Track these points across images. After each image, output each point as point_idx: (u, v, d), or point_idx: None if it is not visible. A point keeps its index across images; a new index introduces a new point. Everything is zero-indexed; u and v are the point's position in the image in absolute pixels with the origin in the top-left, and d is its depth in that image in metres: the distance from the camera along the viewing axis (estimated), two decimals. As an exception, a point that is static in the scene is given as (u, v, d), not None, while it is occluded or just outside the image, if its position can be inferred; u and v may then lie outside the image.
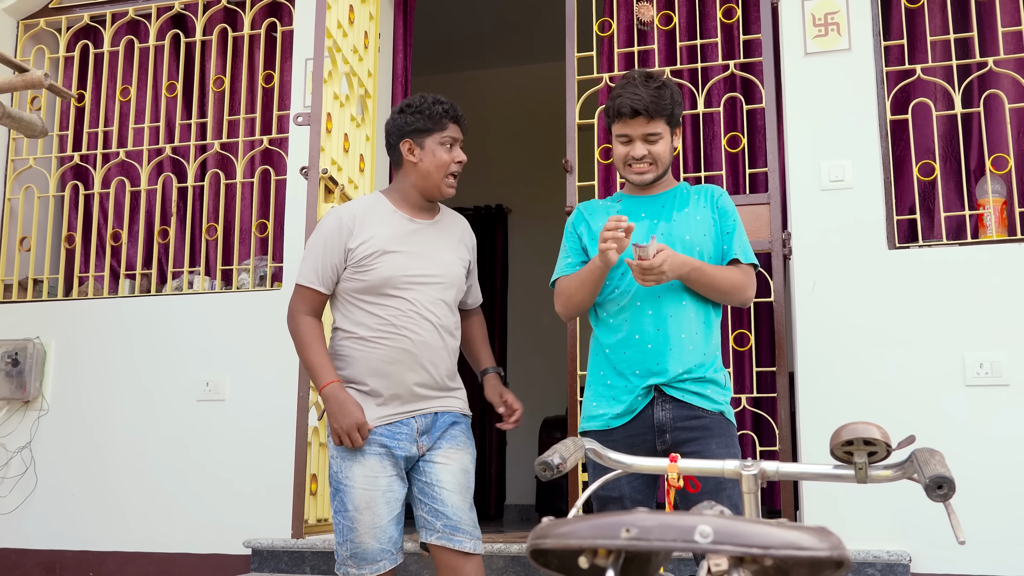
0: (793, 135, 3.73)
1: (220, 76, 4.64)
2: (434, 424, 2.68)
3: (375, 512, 2.57)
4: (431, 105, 2.72)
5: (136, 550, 4.12)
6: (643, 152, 2.51)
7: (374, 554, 2.57)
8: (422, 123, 2.70)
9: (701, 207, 2.57)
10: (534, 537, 0.89)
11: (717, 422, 2.45)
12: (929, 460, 1.37)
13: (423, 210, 2.78)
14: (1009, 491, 3.30)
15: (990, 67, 3.68)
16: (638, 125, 2.48)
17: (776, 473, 1.53)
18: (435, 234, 2.76)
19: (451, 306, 2.75)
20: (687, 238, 2.51)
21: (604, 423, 2.49)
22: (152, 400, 4.22)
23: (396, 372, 2.63)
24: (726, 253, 2.56)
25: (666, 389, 2.43)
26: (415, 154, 2.72)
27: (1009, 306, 3.42)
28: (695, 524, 0.80)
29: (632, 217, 2.56)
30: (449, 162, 2.72)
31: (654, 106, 2.46)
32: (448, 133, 2.72)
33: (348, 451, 2.61)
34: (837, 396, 3.49)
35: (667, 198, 2.60)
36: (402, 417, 2.64)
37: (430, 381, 2.66)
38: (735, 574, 0.81)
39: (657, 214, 2.57)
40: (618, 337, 2.49)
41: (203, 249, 4.47)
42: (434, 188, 2.74)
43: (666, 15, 4.16)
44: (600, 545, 0.82)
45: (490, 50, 7.04)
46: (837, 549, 0.81)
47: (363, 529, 2.57)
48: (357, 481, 2.58)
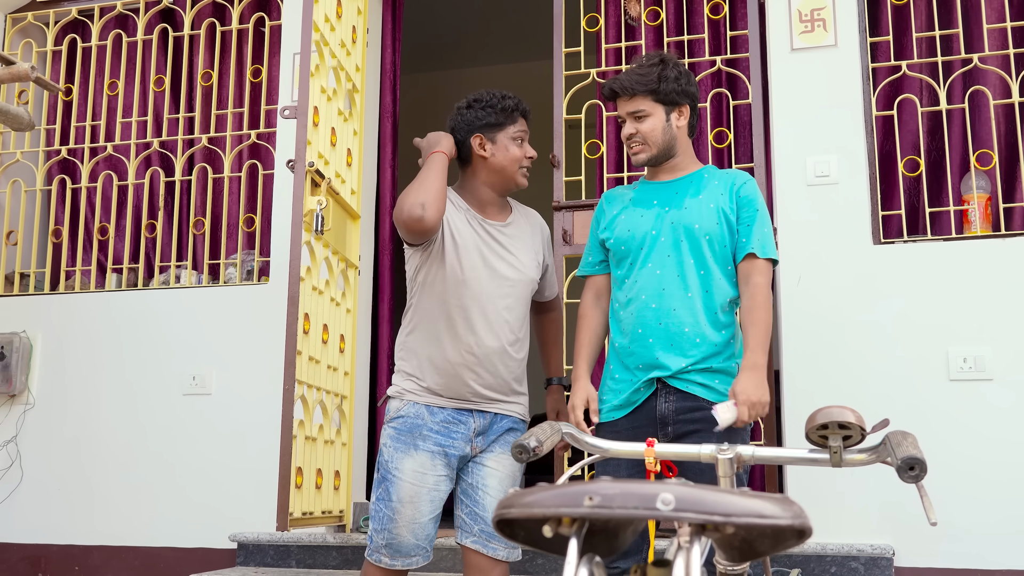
0: (779, 131, 3.75)
1: (208, 70, 4.64)
2: (491, 426, 2.63)
3: (417, 508, 2.54)
4: (501, 99, 2.66)
5: (122, 544, 4.11)
6: (631, 131, 2.50)
7: (409, 548, 2.55)
8: (493, 117, 2.65)
9: (718, 194, 2.49)
10: (500, 507, 0.89)
11: None
12: (901, 442, 1.38)
13: (495, 208, 2.72)
14: (992, 485, 3.32)
15: (975, 64, 3.70)
16: (623, 105, 2.51)
17: (752, 457, 1.54)
18: (510, 235, 2.71)
19: (524, 310, 2.69)
20: (696, 226, 2.44)
21: (605, 415, 2.49)
22: (138, 394, 4.21)
23: (458, 375, 2.59)
24: (742, 245, 2.46)
25: (670, 381, 2.40)
26: (487, 149, 2.66)
27: (993, 301, 3.43)
28: (657, 492, 0.81)
29: (643, 204, 2.54)
30: (521, 157, 2.67)
31: (630, 84, 2.46)
32: (519, 127, 2.67)
33: (402, 443, 2.57)
34: (822, 390, 3.50)
35: (683, 184, 2.54)
36: (460, 406, 2.60)
37: (493, 384, 2.62)
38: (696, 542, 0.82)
39: (668, 201, 2.51)
40: (624, 331, 2.48)
41: (190, 243, 4.47)
42: (509, 181, 2.69)
43: (654, 11, 4.17)
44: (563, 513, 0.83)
45: (480, 48, 7.04)
46: (799, 518, 0.82)
47: (403, 522, 2.54)
48: (406, 474, 2.55)
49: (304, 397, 3.52)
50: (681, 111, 2.53)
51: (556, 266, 3.82)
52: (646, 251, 2.48)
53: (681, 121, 2.54)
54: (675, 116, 2.52)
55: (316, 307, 3.57)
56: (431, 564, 3.66)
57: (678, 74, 2.51)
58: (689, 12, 4.19)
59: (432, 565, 3.66)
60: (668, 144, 2.52)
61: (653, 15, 4.18)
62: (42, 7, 4.79)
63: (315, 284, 3.54)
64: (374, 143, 4.51)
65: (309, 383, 3.55)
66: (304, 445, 3.66)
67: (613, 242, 2.56)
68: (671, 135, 2.52)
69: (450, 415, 2.60)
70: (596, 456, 1.58)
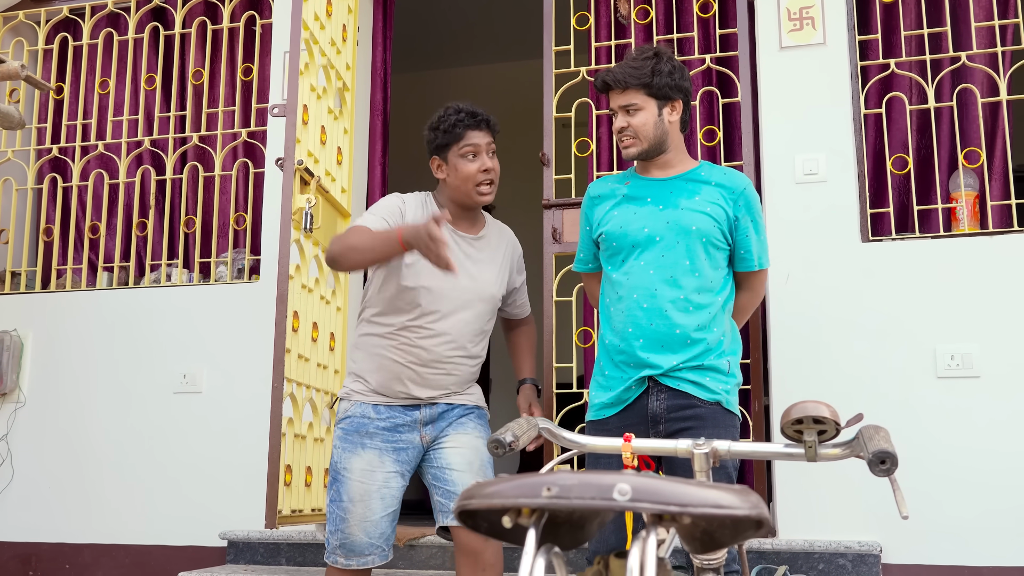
0: (768, 129, 3.76)
1: (199, 69, 4.64)
2: (441, 414, 2.66)
3: (368, 506, 2.56)
4: (449, 116, 2.65)
5: (112, 542, 4.11)
6: (623, 124, 2.48)
7: (362, 547, 2.56)
8: (441, 138, 2.66)
9: (716, 197, 2.46)
10: (462, 498, 0.90)
11: (713, 412, 2.39)
12: (873, 436, 1.38)
13: (466, 222, 2.73)
14: (979, 482, 3.33)
15: (963, 62, 3.71)
16: (615, 97, 2.50)
17: (728, 452, 1.54)
18: (477, 251, 2.72)
19: (481, 325, 2.70)
20: (693, 228, 2.43)
21: (595, 413, 2.49)
22: (129, 393, 4.22)
23: (402, 380, 2.62)
24: (743, 259, 2.49)
25: (661, 379, 2.39)
26: (443, 170, 2.68)
27: (980, 299, 3.44)
28: (614, 483, 0.81)
29: (638, 201, 2.51)
30: (474, 172, 2.63)
31: (623, 76, 2.45)
32: (468, 142, 2.64)
33: (350, 443, 2.60)
34: (810, 388, 3.51)
35: (678, 183, 2.51)
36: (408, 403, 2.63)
37: (439, 387, 2.65)
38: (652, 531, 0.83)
39: (664, 199, 2.48)
40: (615, 328, 2.48)
41: (181, 242, 4.47)
42: (467, 198, 2.69)
43: (643, 9, 4.18)
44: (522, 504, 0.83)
45: (471, 47, 7.05)
46: (756, 508, 0.83)
47: (354, 521, 2.56)
48: (355, 473, 2.58)
49: (293, 395, 3.53)
50: (674, 106, 2.51)
51: (545, 265, 3.83)
52: (640, 249, 2.47)
53: (674, 116, 2.51)
54: (667, 111, 2.50)
55: (306, 305, 3.57)
56: (420, 561, 3.67)
57: (672, 68, 2.49)
58: (679, 10, 4.19)
59: (420, 563, 3.67)
60: (660, 139, 2.50)
61: (643, 13, 4.18)
62: (33, 5, 4.79)
63: (304, 282, 3.54)
64: (365, 141, 4.52)
65: (298, 381, 3.56)
66: (293, 443, 3.66)
67: (605, 237, 2.54)
68: (663, 129, 2.50)
69: (396, 412, 2.63)
70: (572, 451, 1.59)
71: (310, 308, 3.60)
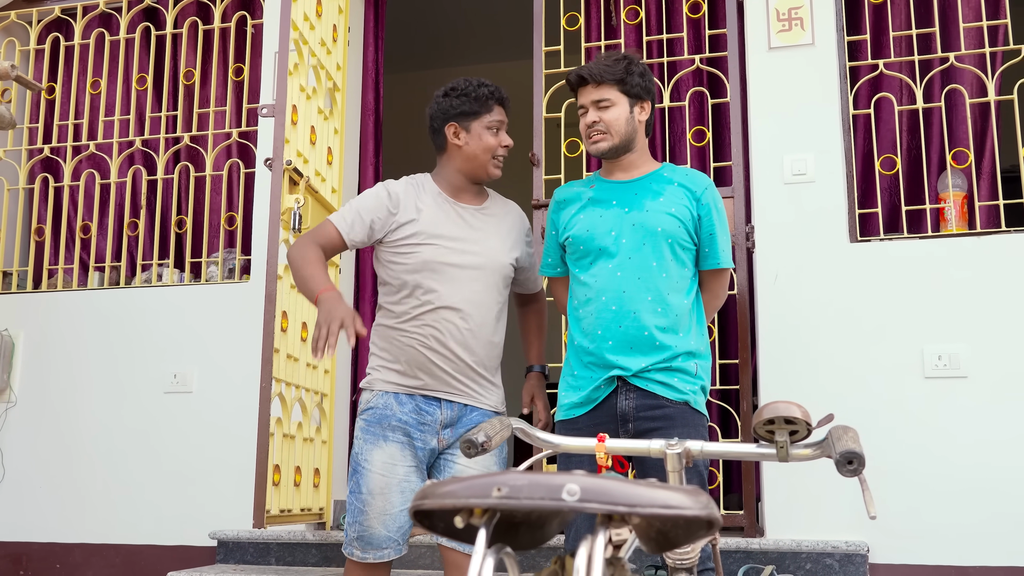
0: (757, 129, 3.76)
1: (191, 69, 4.65)
2: (460, 419, 2.63)
3: (388, 499, 2.55)
4: (476, 88, 2.67)
5: (103, 542, 4.12)
6: (594, 119, 2.51)
7: (380, 540, 2.56)
8: (468, 106, 2.66)
9: (679, 198, 2.51)
10: (416, 498, 0.91)
11: (681, 411, 2.42)
12: (842, 436, 1.39)
13: (470, 194, 2.73)
14: (966, 482, 3.33)
15: (951, 62, 3.71)
16: (588, 92, 2.53)
17: (700, 452, 1.55)
18: (482, 221, 2.71)
19: (494, 295, 2.67)
20: (659, 230, 2.47)
21: (565, 412, 2.50)
22: (120, 392, 4.22)
23: (428, 356, 2.59)
24: (706, 256, 2.53)
25: (630, 379, 2.43)
26: (461, 137, 2.67)
27: (968, 299, 3.45)
28: (563, 483, 0.82)
29: (603, 204, 2.54)
30: (496, 146, 2.68)
31: (599, 72, 2.50)
32: (494, 116, 2.68)
33: (372, 434, 2.59)
34: (798, 388, 3.51)
35: (642, 185, 2.55)
36: (430, 393, 2.60)
37: (462, 368, 2.61)
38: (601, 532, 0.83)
39: (629, 202, 2.52)
40: (584, 330, 2.49)
41: (173, 241, 4.47)
42: (480, 170, 2.69)
43: (633, 9, 4.18)
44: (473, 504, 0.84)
45: (462, 47, 7.05)
46: (706, 508, 0.83)
47: (373, 514, 2.55)
48: (375, 466, 2.56)
49: (282, 395, 3.53)
50: (643, 106, 2.57)
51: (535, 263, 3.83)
52: (607, 252, 2.49)
53: (643, 116, 2.57)
54: (638, 109, 2.56)
55: (295, 305, 3.58)
56: (411, 561, 3.67)
57: (643, 71, 2.57)
58: (669, 11, 4.20)
59: (411, 562, 3.67)
60: (629, 136, 2.54)
61: (633, 14, 4.19)
62: (25, 5, 4.79)
63: (293, 282, 3.54)
64: (356, 142, 4.52)
65: (288, 381, 3.56)
66: (282, 443, 3.67)
67: (572, 241, 2.56)
68: (633, 127, 2.55)
69: (419, 404, 2.60)
70: (547, 451, 1.59)
71: (299, 308, 3.61)
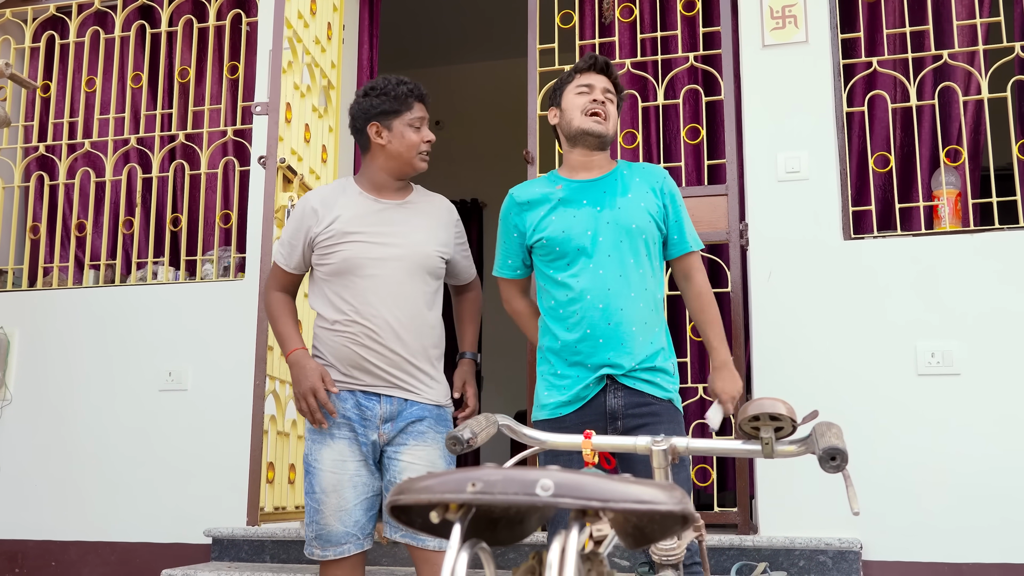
0: (751, 127, 3.76)
1: (186, 67, 4.65)
2: (400, 413, 2.62)
3: (341, 495, 2.58)
4: (395, 86, 2.69)
5: (98, 540, 4.12)
6: (604, 101, 2.58)
7: (339, 537, 2.57)
8: (388, 105, 2.68)
9: (644, 191, 2.57)
10: (393, 494, 0.91)
11: (666, 409, 2.49)
12: (825, 433, 1.39)
13: (393, 191, 2.75)
14: (959, 479, 3.34)
15: (944, 60, 3.72)
16: (600, 79, 2.61)
17: (686, 448, 1.55)
18: (404, 214, 2.72)
19: (421, 285, 2.67)
20: (633, 226, 2.51)
21: (551, 412, 2.51)
22: (115, 390, 4.22)
23: (361, 354, 2.61)
24: (677, 243, 2.59)
25: (619, 378, 2.45)
26: (383, 136, 2.69)
27: (961, 297, 3.45)
28: (537, 478, 0.82)
29: (573, 203, 2.56)
30: (419, 142, 2.70)
31: (613, 69, 2.65)
32: (415, 113, 2.70)
33: (319, 434, 2.62)
34: (792, 385, 3.51)
35: (608, 182, 2.59)
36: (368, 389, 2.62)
37: (397, 362, 2.62)
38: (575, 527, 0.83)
39: (599, 200, 2.55)
40: (569, 329, 2.50)
41: (168, 239, 4.48)
42: (406, 166, 2.71)
43: (627, 7, 4.19)
44: (448, 499, 0.84)
45: (457, 45, 7.06)
46: (680, 503, 0.83)
47: (329, 512, 2.58)
48: (326, 464, 2.60)
49: (276, 392, 3.54)
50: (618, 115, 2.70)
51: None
52: (585, 252, 2.51)
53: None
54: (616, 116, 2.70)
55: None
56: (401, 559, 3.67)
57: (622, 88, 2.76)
58: (663, 9, 4.20)
59: (405, 559, 3.67)
60: (613, 136, 2.65)
61: (627, 11, 4.19)
62: (20, 3, 4.79)
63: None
64: (351, 139, 4.52)
65: (282, 378, 3.57)
66: (276, 440, 3.68)
67: (546, 242, 2.55)
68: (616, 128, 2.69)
69: (359, 400, 2.63)
70: (534, 449, 1.60)
71: (293, 306, 3.61)
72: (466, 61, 7.30)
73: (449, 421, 2.75)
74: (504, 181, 7.59)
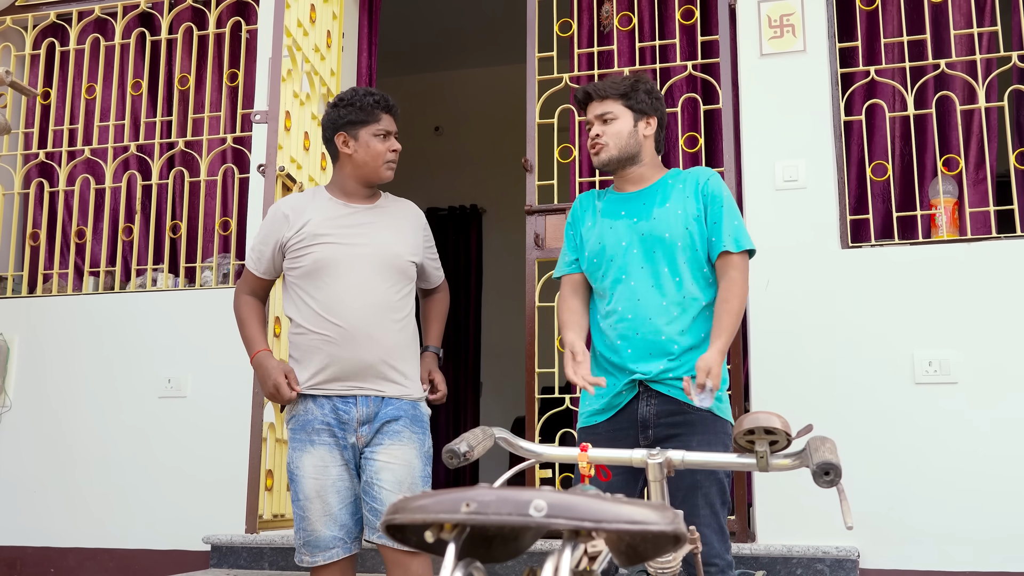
0: (748, 135, 3.77)
1: (185, 74, 4.66)
2: (376, 414, 2.64)
3: (326, 500, 2.60)
4: (362, 97, 2.74)
5: (97, 546, 4.13)
6: (597, 131, 2.55)
7: (326, 541, 2.59)
8: (355, 115, 2.73)
9: (684, 197, 2.50)
10: (388, 513, 0.92)
11: (702, 418, 2.39)
12: (819, 448, 1.40)
13: (361, 197, 2.80)
14: (956, 487, 3.34)
15: (942, 69, 3.73)
16: (593, 107, 2.57)
17: (682, 462, 1.56)
18: (372, 216, 2.77)
19: (391, 285, 2.70)
20: (667, 236, 2.46)
21: (585, 420, 2.50)
22: (114, 397, 4.23)
23: (333, 353, 2.63)
24: (714, 244, 2.47)
25: (652, 385, 2.41)
26: (350, 146, 2.74)
27: (958, 305, 3.46)
28: (531, 499, 0.83)
29: (612, 215, 2.56)
30: (384, 152, 2.75)
31: (604, 87, 2.55)
32: (381, 125, 2.74)
33: (300, 441, 2.64)
34: (789, 393, 3.53)
35: (649, 194, 2.56)
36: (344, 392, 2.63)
37: (370, 360, 2.63)
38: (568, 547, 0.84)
39: (637, 212, 2.53)
40: (605, 342, 2.50)
41: (167, 246, 4.49)
42: (372, 175, 2.76)
43: (626, 16, 4.20)
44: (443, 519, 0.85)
45: (455, 52, 7.07)
46: (672, 524, 0.84)
47: (315, 517, 2.60)
48: (308, 471, 2.62)
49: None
50: (649, 121, 2.58)
51: (528, 271, 3.85)
52: (619, 263, 2.50)
53: (648, 131, 2.57)
54: (643, 124, 2.56)
55: (287, 310, 3.58)
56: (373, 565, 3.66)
57: (650, 89, 2.59)
58: (661, 17, 4.21)
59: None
60: (630, 150, 2.55)
61: (626, 20, 4.20)
62: (20, 11, 4.81)
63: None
64: (350, 147, 4.53)
65: (280, 386, 3.57)
66: (275, 448, 3.69)
67: (588, 256, 2.57)
68: (636, 141, 2.55)
69: (335, 405, 2.64)
70: (529, 461, 1.60)
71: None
72: (465, 67, 7.31)
73: (425, 421, 2.77)
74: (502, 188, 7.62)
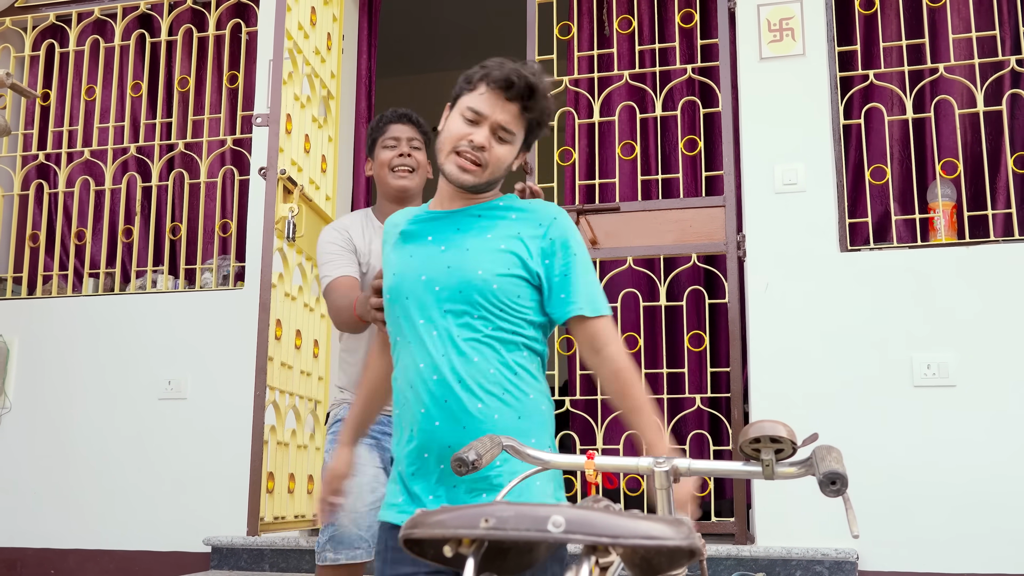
0: (748, 139, 3.79)
1: (185, 76, 4.66)
2: None
3: (359, 497, 2.54)
4: (378, 121, 2.78)
5: (97, 548, 4.13)
6: (482, 143, 1.83)
7: (352, 540, 2.57)
8: (371, 136, 2.78)
9: (513, 234, 1.84)
10: (407, 527, 0.93)
11: None
12: (826, 457, 1.41)
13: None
14: (955, 489, 3.36)
15: (941, 73, 3.75)
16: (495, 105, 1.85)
17: (688, 470, 1.57)
18: None
19: None
20: (479, 272, 1.80)
21: None
22: (114, 399, 4.24)
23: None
24: (562, 303, 1.82)
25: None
26: (371, 166, 2.78)
27: (957, 308, 3.48)
28: (548, 514, 0.84)
29: (419, 239, 1.90)
30: (390, 158, 2.73)
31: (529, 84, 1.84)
32: (389, 135, 2.75)
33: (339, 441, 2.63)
34: (789, 396, 3.54)
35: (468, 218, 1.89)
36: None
37: None
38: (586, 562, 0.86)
39: (446, 239, 1.86)
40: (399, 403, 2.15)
41: (167, 248, 4.49)
42: (386, 186, 2.75)
43: (626, 19, 4.21)
44: (462, 534, 0.86)
45: (455, 53, 7.07)
46: (687, 539, 0.85)
47: (344, 513, 2.58)
48: None
49: (276, 402, 3.55)
50: (523, 154, 1.94)
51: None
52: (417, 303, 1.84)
53: (518, 162, 1.93)
54: (521, 154, 1.93)
55: (289, 313, 3.59)
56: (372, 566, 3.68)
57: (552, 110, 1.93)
58: (661, 20, 4.22)
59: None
60: (499, 180, 1.91)
61: (625, 23, 4.21)
62: (20, 12, 4.80)
63: (288, 290, 3.56)
64: (350, 149, 4.54)
65: (281, 388, 3.58)
66: (276, 450, 3.69)
67: (385, 290, 1.93)
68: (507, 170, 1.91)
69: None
70: (536, 469, 1.61)
71: (293, 316, 3.63)
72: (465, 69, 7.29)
73: None
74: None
